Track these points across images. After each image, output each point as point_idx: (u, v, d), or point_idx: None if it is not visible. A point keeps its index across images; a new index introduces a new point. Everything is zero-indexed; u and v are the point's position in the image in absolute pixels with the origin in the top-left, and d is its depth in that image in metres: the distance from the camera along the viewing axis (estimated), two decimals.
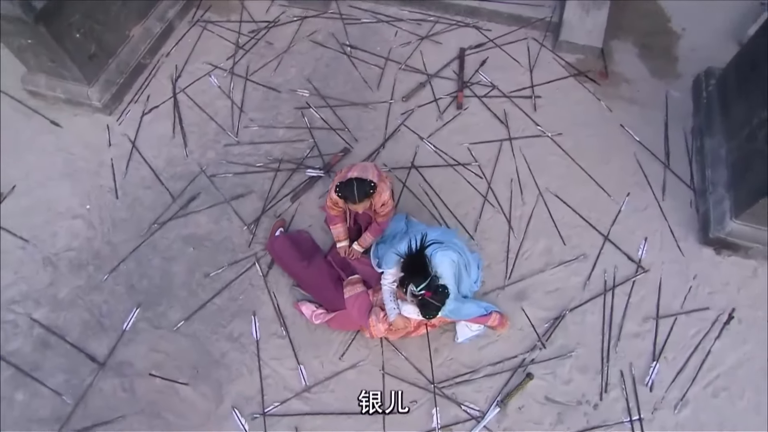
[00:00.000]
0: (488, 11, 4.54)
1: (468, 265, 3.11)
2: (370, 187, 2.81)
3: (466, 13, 4.61)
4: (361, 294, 3.08)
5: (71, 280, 3.38)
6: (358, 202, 2.80)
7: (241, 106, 4.13)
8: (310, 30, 4.58)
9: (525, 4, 4.52)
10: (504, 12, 4.50)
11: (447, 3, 4.58)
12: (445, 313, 2.82)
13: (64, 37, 3.61)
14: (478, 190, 3.72)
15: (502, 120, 4.04)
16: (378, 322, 2.96)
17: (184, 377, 3.05)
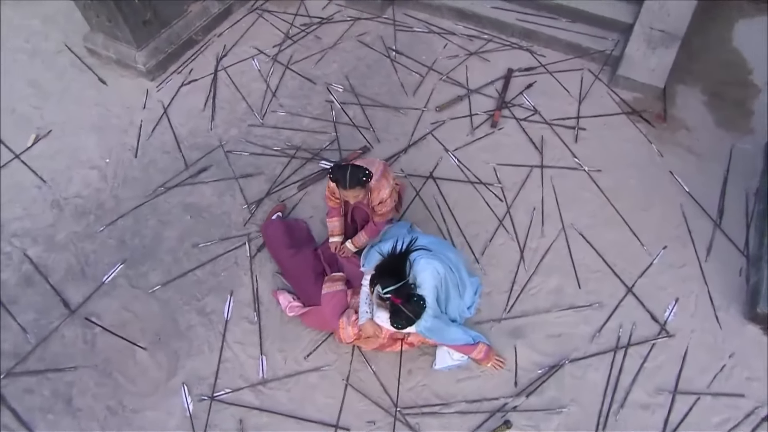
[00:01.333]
0: (546, 36, 4.30)
1: (461, 286, 2.82)
2: (364, 175, 2.62)
3: (522, 36, 4.40)
4: (339, 293, 2.86)
5: (70, 225, 3.41)
6: (348, 188, 2.61)
7: (275, 91, 4.12)
8: (360, 31, 4.55)
9: (586, 34, 4.23)
10: (563, 39, 4.25)
11: (504, 23, 4.40)
12: (421, 329, 2.53)
13: None
14: (495, 213, 3.42)
15: (537, 146, 3.74)
16: (348, 325, 2.71)
17: (145, 341, 2.94)
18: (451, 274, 2.68)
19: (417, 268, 2.50)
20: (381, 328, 2.65)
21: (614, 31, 4.21)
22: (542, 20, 4.33)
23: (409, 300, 2.41)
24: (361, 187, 2.65)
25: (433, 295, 2.51)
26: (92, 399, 2.76)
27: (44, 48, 4.51)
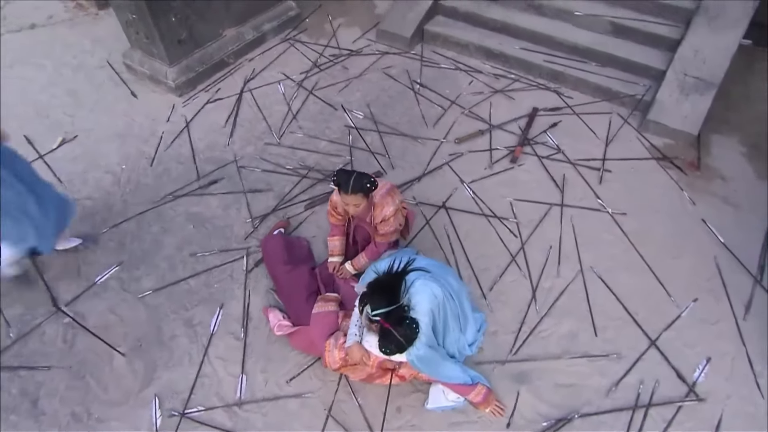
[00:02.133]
0: (574, 79, 4.21)
1: (462, 318, 2.58)
2: (368, 182, 2.48)
3: (550, 77, 4.32)
4: (330, 313, 2.66)
5: (76, 225, 3.37)
6: (349, 193, 2.47)
7: (296, 114, 4.13)
8: (387, 64, 4.59)
9: (616, 79, 4.12)
10: (591, 82, 4.14)
11: (531, 63, 4.35)
12: (412, 358, 2.30)
13: (160, 16, 3.93)
14: (508, 248, 3.21)
15: (558, 184, 3.55)
16: (334, 348, 2.50)
17: (126, 347, 2.79)
18: (451, 302, 2.46)
19: (413, 289, 2.30)
20: (369, 354, 2.42)
21: (645, 77, 4.09)
22: (571, 63, 4.26)
23: (400, 322, 2.20)
24: (364, 195, 2.51)
25: (428, 320, 2.29)
26: (59, 403, 2.59)
27: (88, 63, 4.73)
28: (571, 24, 4.40)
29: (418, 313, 2.26)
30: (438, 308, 2.34)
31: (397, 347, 2.22)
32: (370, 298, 2.17)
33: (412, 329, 2.22)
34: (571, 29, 4.38)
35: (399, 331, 2.18)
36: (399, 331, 2.18)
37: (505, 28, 4.55)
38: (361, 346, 2.41)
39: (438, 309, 2.35)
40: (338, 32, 4.97)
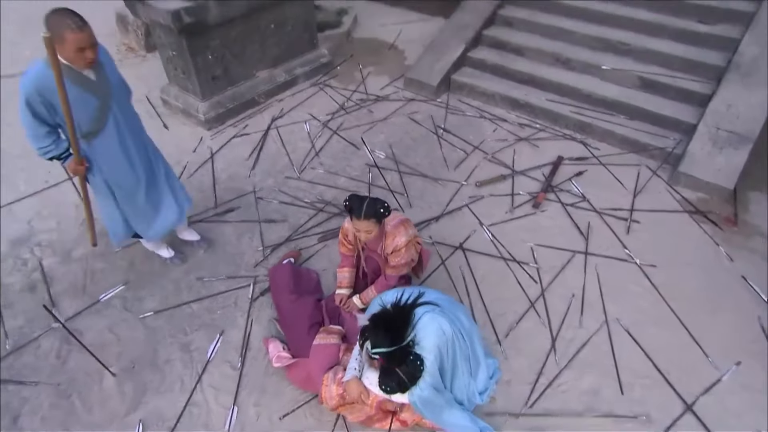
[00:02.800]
0: (601, 130, 4.15)
1: (473, 362, 2.39)
2: (382, 207, 2.41)
3: (576, 128, 4.27)
4: (331, 346, 2.51)
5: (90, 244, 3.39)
6: (362, 218, 2.39)
7: (318, 151, 4.17)
8: (413, 110, 4.65)
9: (644, 131, 4.04)
10: (619, 134, 4.07)
11: (558, 114, 4.33)
12: (415, 399, 2.11)
13: (198, 53, 4.14)
14: (527, 294, 3.02)
15: (582, 232, 3.40)
16: (332, 383, 2.32)
17: (118, 367, 2.68)
18: (460, 340, 2.28)
19: (420, 323, 2.14)
20: (368, 392, 2.23)
21: (675, 131, 3.99)
22: (598, 114, 4.22)
23: (403, 360, 2.04)
24: (376, 221, 2.43)
25: (434, 358, 2.11)
26: (40, 421, 2.46)
27: None
28: (599, 78, 4.41)
29: (423, 349, 2.10)
30: (446, 346, 2.17)
31: (399, 385, 2.05)
32: (372, 334, 2.02)
33: (416, 366, 2.05)
34: (599, 83, 4.38)
35: (401, 367, 2.02)
36: (401, 368, 2.02)
37: (531, 80, 4.59)
38: (359, 383, 2.23)
39: (446, 347, 2.17)
40: (367, 79, 5.13)
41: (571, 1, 4.83)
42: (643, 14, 4.51)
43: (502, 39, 4.87)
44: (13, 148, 4.27)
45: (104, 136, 2.48)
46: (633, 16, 4.52)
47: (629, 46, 4.39)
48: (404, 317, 2.10)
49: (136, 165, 2.65)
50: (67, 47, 2.14)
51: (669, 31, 4.35)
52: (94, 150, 2.50)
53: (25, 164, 4.09)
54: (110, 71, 2.42)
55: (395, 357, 2.03)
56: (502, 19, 5.02)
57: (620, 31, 4.51)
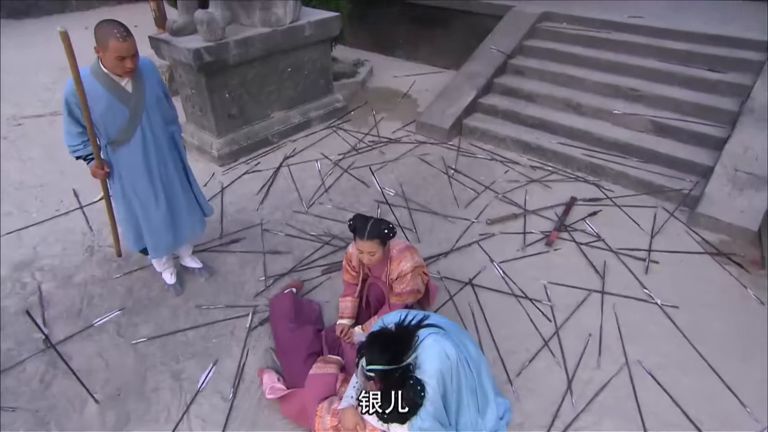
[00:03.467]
0: (615, 172, 4.08)
1: (481, 397, 2.20)
2: (386, 228, 2.34)
3: (589, 170, 4.22)
4: (328, 376, 2.35)
5: (92, 269, 3.35)
6: (365, 238, 2.32)
7: (328, 188, 4.17)
8: (424, 152, 4.67)
9: (659, 174, 3.96)
10: (633, 176, 4.00)
11: (570, 156, 4.30)
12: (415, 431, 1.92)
13: (215, 91, 4.28)
14: (539, 332, 2.84)
15: (598, 270, 3.25)
16: (327, 413, 2.14)
17: (103, 393, 2.53)
18: (467, 370, 2.11)
19: (423, 345, 2.00)
20: (365, 423, 2.04)
21: (691, 173, 3.91)
22: (611, 157, 4.17)
23: (402, 383, 1.88)
24: (380, 242, 2.35)
25: (437, 384, 1.94)
26: None
27: None
28: (610, 122, 4.41)
29: (425, 374, 1.93)
30: (450, 373, 2.00)
31: (398, 414, 1.87)
32: (368, 350, 1.88)
33: (417, 392, 1.88)
34: (610, 127, 4.37)
35: (404, 394, 1.85)
36: (404, 394, 1.85)
37: (542, 125, 4.61)
38: (356, 412, 2.05)
39: (450, 374, 2.00)
40: (380, 124, 5.21)
41: (580, 50, 4.94)
42: (653, 63, 4.58)
43: (513, 86, 4.96)
44: (31, 179, 4.35)
45: (129, 146, 2.55)
46: (642, 65, 4.59)
47: (640, 92, 4.42)
48: (406, 337, 1.96)
49: (155, 181, 2.69)
50: (109, 55, 2.26)
51: (679, 78, 4.39)
52: (117, 157, 2.57)
53: (39, 193, 4.14)
54: (150, 87, 2.50)
55: (392, 378, 1.87)
56: (513, 68, 5.14)
57: (630, 79, 4.57)
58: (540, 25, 5.36)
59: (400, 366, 1.90)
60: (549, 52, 5.10)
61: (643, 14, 5.15)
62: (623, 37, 4.88)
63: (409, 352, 1.93)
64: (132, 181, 2.65)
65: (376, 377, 1.85)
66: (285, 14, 4.44)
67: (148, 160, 2.61)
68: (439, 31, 6.48)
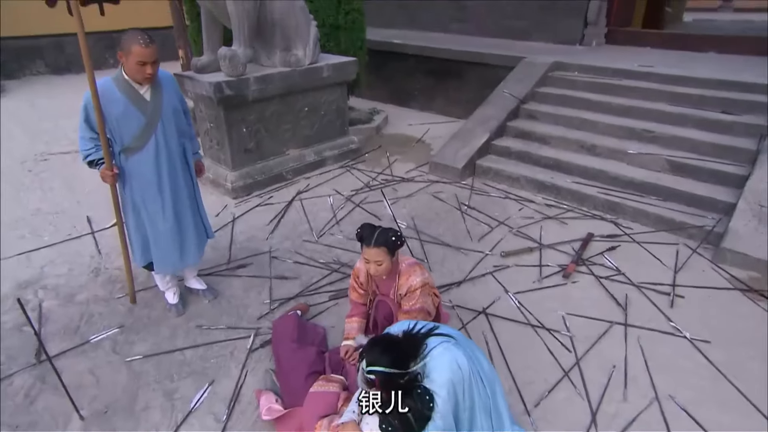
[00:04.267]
0: (633, 210, 3.98)
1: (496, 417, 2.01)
2: (395, 237, 2.26)
3: (606, 208, 4.13)
4: (329, 394, 2.18)
5: (96, 289, 3.28)
6: (372, 245, 2.24)
7: (339, 220, 4.13)
8: (437, 190, 4.65)
9: (679, 211, 3.85)
10: (652, 213, 3.89)
11: (585, 195, 4.23)
12: None
13: (233, 125, 4.39)
14: (559, 362, 2.64)
15: (619, 302, 3.07)
16: (325, 430, 1.95)
17: (89, 410, 2.37)
18: (480, 386, 1.93)
19: (432, 353, 1.85)
20: None
21: (712, 211, 3.79)
22: (629, 195, 4.09)
23: (408, 392, 1.72)
24: (388, 251, 2.26)
25: (448, 395, 1.77)
26: None
27: None
28: (625, 162, 4.37)
29: (434, 383, 1.77)
30: (462, 386, 1.83)
31: (402, 425, 1.70)
32: (369, 350, 1.75)
33: (425, 402, 1.72)
34: (626, 167, 4.33)
35: (409, 403, 1.69)
36: (409, 404, 1.69)
37: (556, 165, 4.59)
38: (357, 427, 1.86)
39: (462, 387, 1.83)
40: (393, 165, 5.25)
41: (593, 96, 5.02)
42: (666, 107, 4.61)
43: (526, 129, 5.00)
44: (48, 207, 4.40)
45: (142, 154, 2.58)
46: (656, 108, 4.62)
47: (654, 133, 4.41)
48: (412, 344, 1.82)
49: (164, 192, 2.69)
50: (131, 59, 2.34)
51: (693, 120, 4.39)
52: (129, 165, 2.60)
53: (54, 220, 4.18)
54: (168, 98, 2.56)
55: (396, 385, 1.72)
56: (526, 112, 5.22)
57: (644, 122, 4.58)
58: (552, 73, 5.51)
59: (404, 372, 1.75)
60: (561, 97, 5.19)
61: (653, 64, 5.26)
62: (635, 84, 4.96)
63: (415, 360, 1.79)
64: (142, 190, 2.65)
65: (378, 382, 1.70)
66: (305, 56, 4.64)
67: (159, 169, 2.62)
68: (453, 82, 6.70)
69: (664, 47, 6.19)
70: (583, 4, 6.30)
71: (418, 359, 1.80)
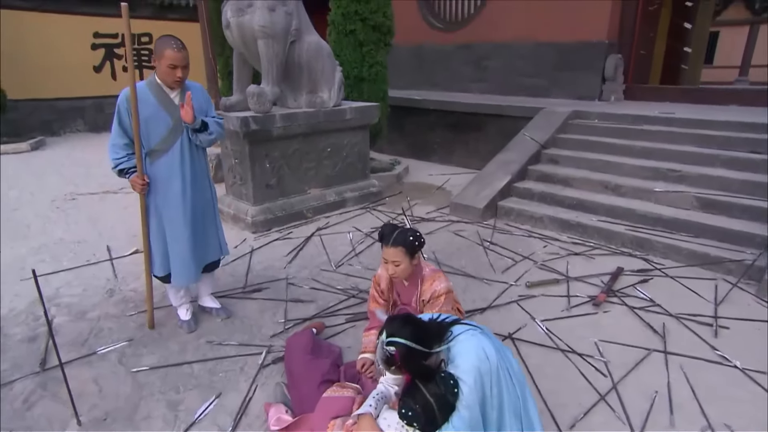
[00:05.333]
0: (663, 246, 3.85)
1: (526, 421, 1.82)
2: (415, 237, 2.21)
3: (635, 246, 4.00)
4: (343, 399, 2.04)
5: (108, 308, 3.25)
6: (390, 245, 2.18)
7: (358, 253, 4.08)
8: (458, 228, 4.61)
9: (714, 246, 3.71)
10: (685, 248, 3.75)
11: (612, 232, 4.13)
12: None
13: (257, 160, 4.52)
14: (593, 386, 2.44)
15: (657, 330, 2.89)
16: (340, 429, 1.80)
17: (88, 416, 2.25)
18: (509, 385, 1.78)
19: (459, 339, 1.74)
20: None
21: (749, 246, 3.63)
22: (658, 232, 3.98)
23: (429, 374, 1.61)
24: (406, 251, 2.20)
25: (474, 384, 1.63)
26: None
27: None
28: (652, 201, 4.30)
29: (458, 369, 1.65)
30: (490, 377, 1.69)
31: (424, 412, 1.56)
32: (389, 323, 1.66)
33: (449, 387, 1.59)
34: (653, 205, 4.25)
35: (429, 387, 1.58)
36: (429, 388, 1.57)
37: (581, 205, 4.54)
38: (374, 421, 1.72)
39: (490, 378, 1.69)
40: (414, 207, 5.27)
41: (614, 140, 5.06)
42: (691, 149, 4.60)
43: (548, 172, 5.02)
44: (71, 237, 4.49)
45: (167, 157, 2.66)
46: (681, 150, 4.61)
47: (681, 172, 4.37)
48: (437, 328, 1.72)
49: (186, 198, 2.74)
50: (163, 62, 2.49)
51: (722, 160, 4.35)
52: (154, 169, 2.66)
53: (75, 248, 4.24)
54: (196, 104, 2.66)
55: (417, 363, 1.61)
56: (547, 157, 5.27)
57: (669, 162, 4.55)
58: (571, 121, 5.61)
59: (427, 351, 1.64)
60: (583, 142, 5.24)
61: (674, 111, 5.33)
62: (657, 128, 5.00)
63: (439, 342, 1.68)
64: (164, 195, 2.69)
65: (398, 357, 1.58)
66: (329, 98, 4.86)
67: (183, 173, 2.69)
68: (473, 135, 6.87)
69: (684, 101, 6.30)
70: (600, 62, 6.54)
71: (443, 343, 1.69)
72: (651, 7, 6.70)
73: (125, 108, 2.52)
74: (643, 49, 6.86)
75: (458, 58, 8.12)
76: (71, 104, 10.12)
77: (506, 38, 7.44)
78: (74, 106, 10.19)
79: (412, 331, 1.63)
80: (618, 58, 6.49)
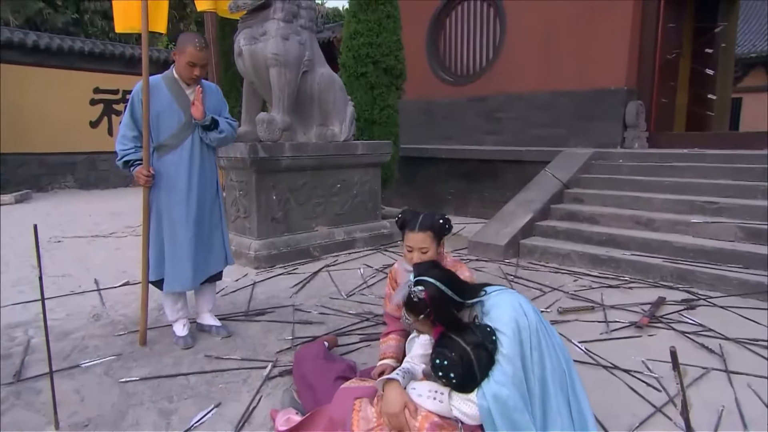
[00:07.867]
0: (709, 276, 3.81)
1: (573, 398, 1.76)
2: (445, 220, 2.21)
3: (676, 278, 3.95)
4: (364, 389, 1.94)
5: (94, 329, 3.19)
6: (417, 230, 2.17)
7: (370, 285, 4.05)
8: (479, 266, 4.59)
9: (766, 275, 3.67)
10: (733, 278, 3.71)
11: (650, 264, 4.10)
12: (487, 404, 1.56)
13: (263, 191, 4.63)
14: (647, 400, 2.33)
15: (714, 351, 2.79)
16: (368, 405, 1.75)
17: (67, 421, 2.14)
18: (552, 352, 1.71)
19: (493, 299, 1.71)
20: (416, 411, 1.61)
21: None
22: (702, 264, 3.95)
23: (462, 325, 1.59)
24: (434, 236, 2.20)
25: (513, 336, 1.59)
26: None
27: None
28: (691, 234, 4.31)
29: (494, 321, 1.62)
30: (529, 333, 1.64)
31: (462, 362, 1.52)
32: (418, 266, 1.68)
33: (486, 334, 1.56)
34: (692, 238, 4.25)
35: (465, 338, 1.55)
36: (465, 338, 1.54)
37: (611, 241, 4.55)
38: (403, 392, 1.64)
39: (529, 335, 1.64)
40: None
41: (642, 178, 5.17)
42: (728, 181, 4.68)
43: (573, 210, 5.08)
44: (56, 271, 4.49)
45: (176, 154, 2.75)
46: (715, 183, 4.70)
47: (719, 204, 4.41)
48: (470, 284, 1.71)
49: (191, 199, 2.80)
50: (183, 59, 2.67)
51: (762, 190, 4.42)
52: (160, 165, 2.75)
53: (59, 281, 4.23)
54: (209, 103, 2.80)
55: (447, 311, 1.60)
56: (571, 196, 5.36)
57: (705, 196, 4.61)
58: (594, 161, 5.77)
59: (458, 300, 1.62)
60: (607, 180, 5.36)
61: (704, 150, 5.50)
62: (687, 164, 5.13)
63: (471, 296, 1.67)
64: (169, 193, 2.75)
65: (427, 298, 1.55)
66: (340, 132, 5.07)
67: (190, 172, 2.77)
68: (489, 183, 7.02)
69: (713, 147, 6.46)
70: (620, 108, 6.84)
71: (476, 298, 1.67)
72: (669, 55, 7.12)
73: (139, 99, 2.66)
74: (665, 97, 7.19)
75: (470, 110, 8.50)
76: (62, 159, 10.51)
77: (520, 89, 7.84)
78: (65, 161, 10.58)
79: (443, 274, 1.62)
80: (639, 104, 6.80)
